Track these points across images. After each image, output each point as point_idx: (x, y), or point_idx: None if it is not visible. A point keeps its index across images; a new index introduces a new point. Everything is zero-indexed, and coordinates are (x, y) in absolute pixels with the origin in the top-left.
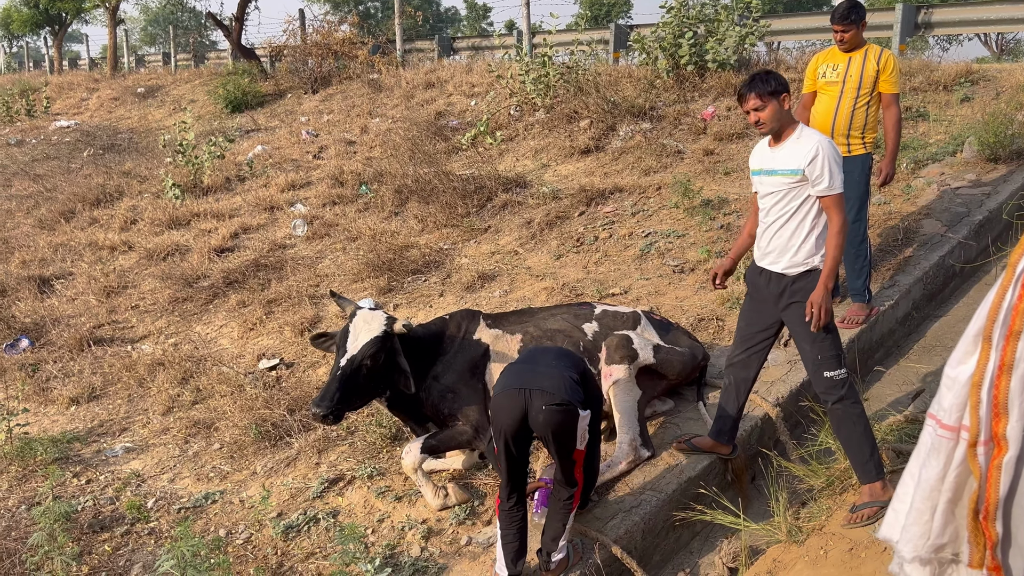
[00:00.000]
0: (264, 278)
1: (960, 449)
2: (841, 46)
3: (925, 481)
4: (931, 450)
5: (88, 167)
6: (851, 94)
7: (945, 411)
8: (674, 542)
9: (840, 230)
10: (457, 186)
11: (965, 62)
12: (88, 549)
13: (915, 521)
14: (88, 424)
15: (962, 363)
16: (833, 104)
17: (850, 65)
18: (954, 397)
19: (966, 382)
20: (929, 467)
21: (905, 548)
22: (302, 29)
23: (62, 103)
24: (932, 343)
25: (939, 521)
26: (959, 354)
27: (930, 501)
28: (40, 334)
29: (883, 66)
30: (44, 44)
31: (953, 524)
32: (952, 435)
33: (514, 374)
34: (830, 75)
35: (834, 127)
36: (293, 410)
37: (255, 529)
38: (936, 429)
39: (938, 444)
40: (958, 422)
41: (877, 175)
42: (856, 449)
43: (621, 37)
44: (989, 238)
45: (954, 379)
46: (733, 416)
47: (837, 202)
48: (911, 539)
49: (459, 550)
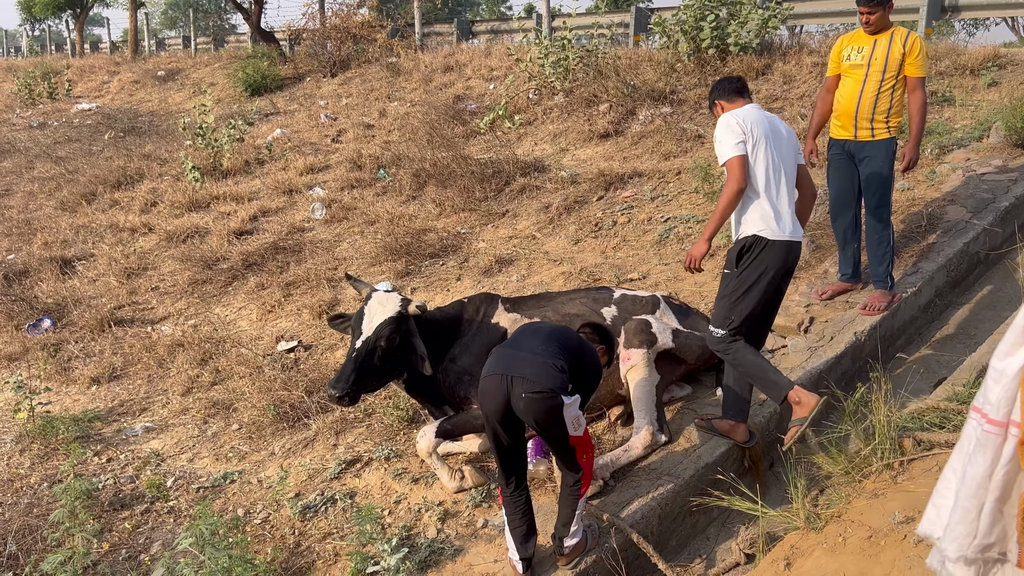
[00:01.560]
0: (283, 261)
1: (1009, 446)
2: (867, 28)
3: (971, 478)
4: (977, 446)
5: (109, 150)
6: (876, 77)
7: (992, 405)
8: (691, 528)
9: (726, 190)
10: (475, 170)
11: (992, 46)
12: (109, 526)
13: (961, 520)
14: (109, 404)
15: (1010, 355)
16: (857, 88)
17: (875, 48)
18: (1002, 391)
19: (1015, 375)
20: (975, 464)
21: (950, 547)
22: (321, 12)
23: (83, 86)
24: (955, 331)
25: (987, 520)
26: (1006, 346)
27: (977, 499)
28: (62, 314)
29: (909, 49)
30: (66, 27)
31: (1001, 523)
32: (1000, 431)
33: (498, 358)
34: (855, 58)
35: (858, 111)
36: (311, 392)
37: (273, 509)
38: (982, 424)
39: (984, 440)
40: (1006, 417)
41: (900, 160)
42: (728, 392)
43: (642, 20)
44: (1015, 225)
45: (1002, 372)
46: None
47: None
48: (956, 538)
49: (475, 532)
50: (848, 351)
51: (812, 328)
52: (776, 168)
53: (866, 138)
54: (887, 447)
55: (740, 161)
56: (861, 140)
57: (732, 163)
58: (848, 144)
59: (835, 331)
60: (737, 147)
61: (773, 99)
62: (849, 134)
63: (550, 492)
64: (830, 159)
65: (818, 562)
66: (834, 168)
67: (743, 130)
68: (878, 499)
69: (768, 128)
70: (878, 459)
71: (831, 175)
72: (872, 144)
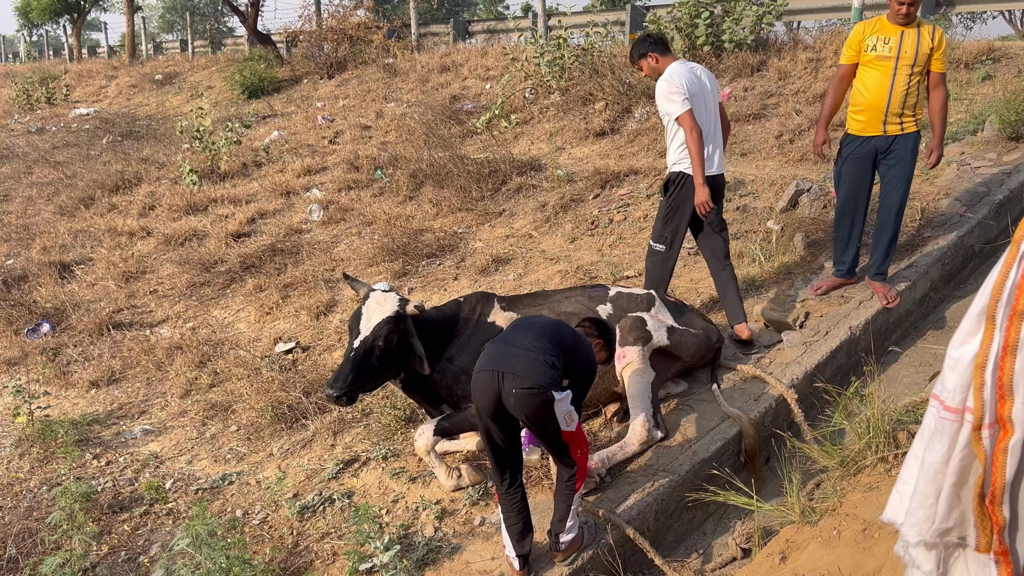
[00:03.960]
0: (280, 263)
1: (964, 432)
2: (901, 19)
3: (929, 464)
4: (935, 432)
5: (107, 154)
6: (905, 71)
7: (949, 392)
8: (687, 523)
9: (691, 139)
10: (472, 170)
11: (987, 40)
12: (108, 529)
13: (920, 505)
14: (108, 407)
15: (965, 343)
16: (887, 80)
17: (903, 39)
18: (957, 378)
19: (969, 363)
20: (933, 450)
21: (910, 532)
22: (317, 14)
23: (81, 91)
24: (951, 324)
25: (944, 505)
26: (962, 334)
27: (935, 484)
28: (61, 319)
29: (937, 43)
30: (63, 32)
31: (959, 508)
32: (956, 417)
33: (490, 355)
34: (881, 48)
35: (889, 105)
36: (309, 392)
37: (271, 510)
38: (940, 411)
39: (942, 426)
40: (962, 404)
41: (926, 156)
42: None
43: (637, 18)
44: (1009, 218)
45: (957, 360)
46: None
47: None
48: (916, 523)
49: (472, 530)
50: (843, 345)
51: (807, 323)
52: (706, 116)
53: (895, 132)
54: (881, 440)
55: (690, 114)
56: (891, 135)
57: (684, 118)
58: (874, 140)
59: (830, 326)
60: (684, 103)
61: (768, 95)
62: (876, 129)
63: (546, 489)
64: (846, 157)
65: (813, 555)
66: (851, 166)
67: (683, 88)
68: (872, 492)
69: (697, 83)
70: (872, 452)
71: (846, 172)
72: (902, 138)
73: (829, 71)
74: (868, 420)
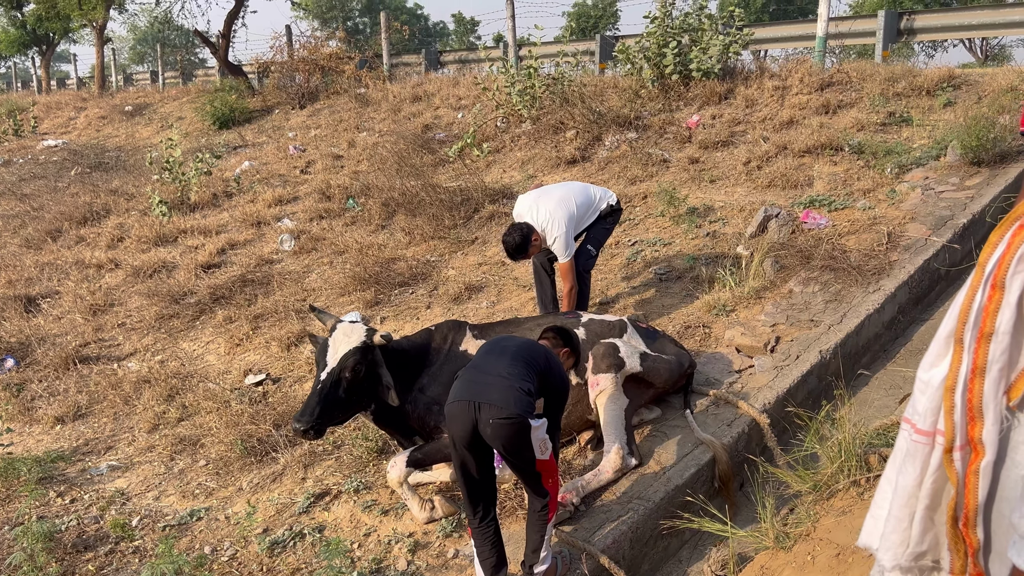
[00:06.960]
0: (251, 293)
1: (936, 454)
2: None
3: (902, 488)
4: (907, 456)
5: (75, 186)
6: None
7: (920, 415)
8: (662, 551)
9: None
10: (444, 198)
11: (947, 67)
12: (72, 569)
13: (894, 529)
14: (73, 443)
15: (934, 366)
16: None
17: None
18: (928, 401)
19: (939, 386)
20: (905, 473)
21: (885, 556)
22: (289, 45)
23: (50, 122)
24: (918, 347)
25: (918, 528)
26: (931, 357)
27: (908, 508)
28: (25, 353)
29: None
30: (32, 64)
31: (932, 531)
32: (928, 440)
33: (464, 384)
34: None
35: None
36: (279, 425)
37: (240, 545)
38: (911, 434)
39: (914, 450)
40: (933, 427)
41: None
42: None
43: (607, 48)
44: (973, 242)
45: (927, 383)
46: None
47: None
48: (891, 547)
49: (446, 563)
50: (814, 369)
51: (778, 347)
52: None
53: None
54: (853, 464)
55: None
56: None
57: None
58: None
59: (800, 350)
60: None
61: (736, 123)
62: None
63: (520, 519)
64: None
65: None
66: None
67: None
68: (846, 516)
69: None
70: (845, 476)
71: None
72: None
73: (795, 99)
74: (840, 444)
